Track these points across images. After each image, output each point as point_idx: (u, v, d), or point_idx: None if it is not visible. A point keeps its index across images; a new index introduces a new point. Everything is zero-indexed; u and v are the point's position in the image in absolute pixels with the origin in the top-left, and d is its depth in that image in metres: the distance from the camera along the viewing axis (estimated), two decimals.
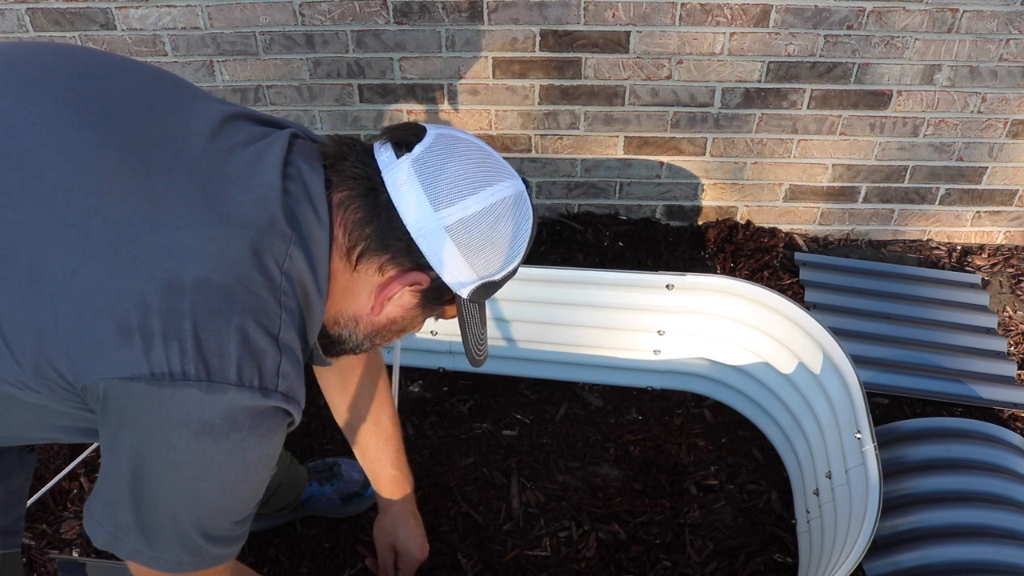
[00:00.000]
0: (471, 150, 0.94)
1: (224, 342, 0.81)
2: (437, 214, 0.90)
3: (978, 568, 1.57)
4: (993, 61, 2.25)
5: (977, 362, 2.15)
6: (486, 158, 0.94)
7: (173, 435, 0.81)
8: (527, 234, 0.96)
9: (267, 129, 0.96)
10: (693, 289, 1.90)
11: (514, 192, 0.94)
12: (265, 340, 0.84)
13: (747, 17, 2.19)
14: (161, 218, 0.82)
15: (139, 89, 0.93)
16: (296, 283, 0.88)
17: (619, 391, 2.10)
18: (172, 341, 0.79)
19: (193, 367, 0.79)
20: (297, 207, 0.88)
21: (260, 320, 0.84)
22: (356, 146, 0.94)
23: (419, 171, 0.90)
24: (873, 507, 1.41)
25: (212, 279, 0.81)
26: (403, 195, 0.90)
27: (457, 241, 0.91)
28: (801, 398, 1.83)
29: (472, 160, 0.93)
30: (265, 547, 1.74)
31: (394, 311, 0.98)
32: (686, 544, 1.75)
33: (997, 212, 2.57)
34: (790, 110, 2.36)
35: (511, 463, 1.92)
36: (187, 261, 0.81)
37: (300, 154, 0.92)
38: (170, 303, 0.79)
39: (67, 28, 2.25)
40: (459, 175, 0.91)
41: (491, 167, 0.94)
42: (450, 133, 0.95)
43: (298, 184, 0.89)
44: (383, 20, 2.23)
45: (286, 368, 0.86)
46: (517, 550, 1.74)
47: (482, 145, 0.96)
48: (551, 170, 2.53)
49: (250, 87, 2.36)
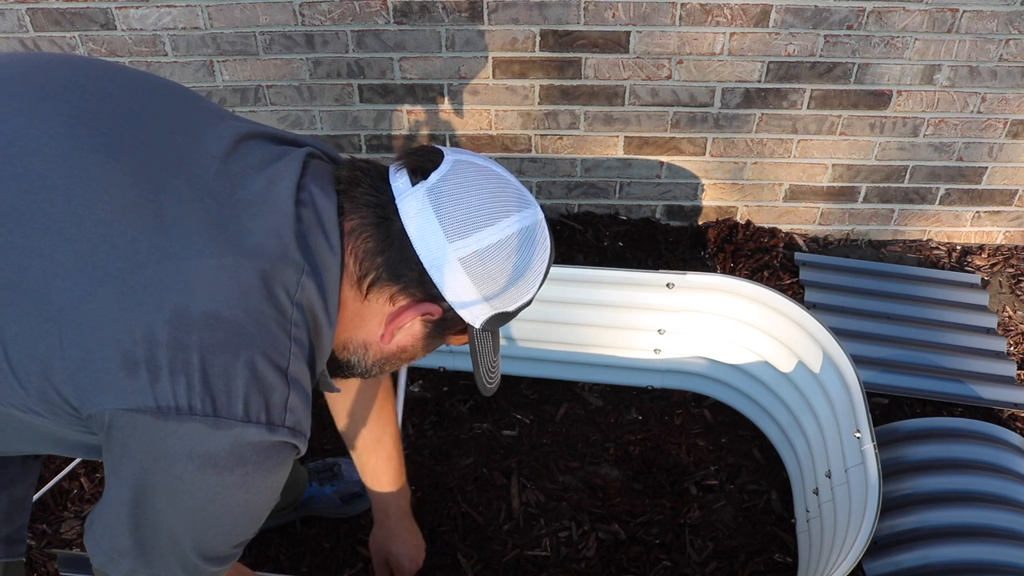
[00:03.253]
0: (488, 179, 0.92)
1: (231, 377, 0.80)
2: (451, 245, 0.88)
3: (978, 568, 1.57)
4: (993, 61, 2.25)
5: (977, 362, 2.15)
6: (503, 187, 0.92)
7: (177, 466, 0.81)
8: (543, 265, 0.95)
9: (283, 149, 0.94)
10: (693, 288, 1.90)
11: (531, 223, 0.92)
12: (273, 374, 0.83)
13: (747, 17, 2.19)
14: (171, 247, 0.81)
15: (152, 107, 0.91)
16: (307, 313, 0.87)
17: (619, 391, 2.10)
18: (179, 375, 0.78)
19: (199, 402, 0.78)
20: (309, 235, 0.87)
21: (269, 354, 0.82)
22: (371, 171, 0.93)
23: (434, 201, 0.88)
24: (873, 507, 1.41)
25: (221, 312, 0.80)
26: (416, 224, 0.88)
27: (470, 273, 0.89)
28: (801, 397, 1.83)
29: (489, 190, 0.91)
30: (265, 547, 1.74)
31: (404, 339, 0.96)
32: (686, 544, 1.75)
33: (997, 212, 2.57)
34: (790, 110, 2.37)
35: (511, 463, 1.92)
36: (196, 293, 0.80)
37: (314, 178, 0.90)
38: (177, 336, 0.78)
39: (67, 28, 2.25)
40: (474, 206, 0.89)
41: (508, 197, 0.91)
42: (468, 160, 0.93)
43: (310, 210, 0.88)
44: (383, 20, 2.23)
45: (294, 402, 0.85)
46: (517, 550, 1.74)
47: (500, 172, 0.94)
48: (551, 170, 2.53)
49: (250, 87, 2.36)
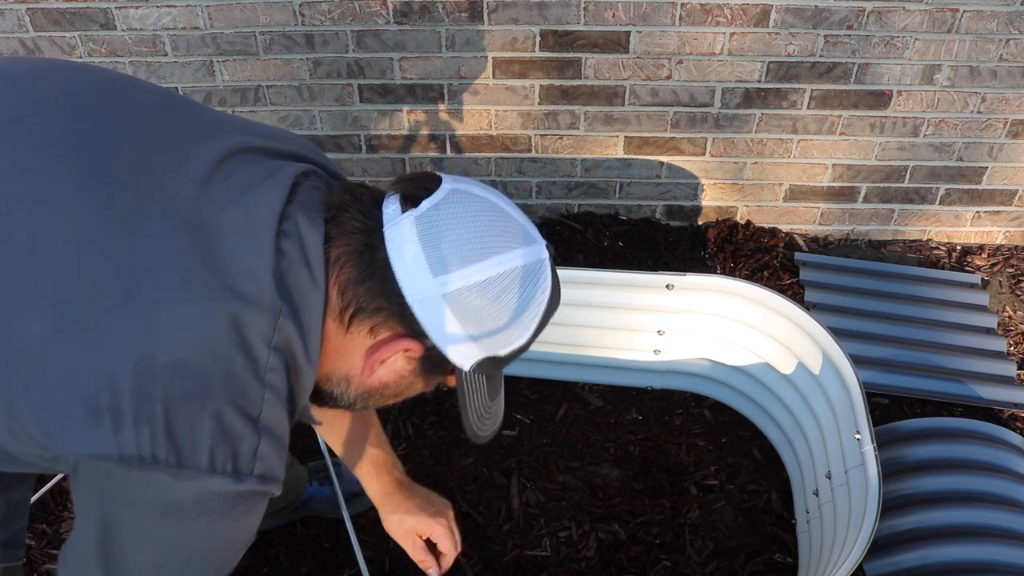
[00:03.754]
0: (484, 211, 0.86)
1: (196, 428, 0.77)
2: (435, 280, 0.83)
3: (978, 568, 1.57)
4: (993, 61, 2.25)
5: (977, 362, 2.15)
6: (500, 221, 0.86)
7: (141, 512, 0.79)
8: (541, 308, 0.88)
9: (272, 168, 0.89)
10: (693, 289, 1.90)
11: (529, 261, 0.86)
12: (242, 424, 0.79)
13: (747, 17, 2.19)
14: (138, 290, 0.77)
15: (136, 123, 0.87)
16: (286, 356, 0.83)
17: (619, 391, 2.10)
18: (143, 424, 0.75)
19: (163, 452, 0.76)
20: (290, 270, 0.82)
21: (238, 403, 0.79)
22: (362, 195, 0.88)
23: (421, 230, 0.83)
24: (873, 508, 1.41)
25: (187, 361, 0.77)
26: (402, 255, 0.83)
27: (456, 311, 0.84)
28: (801, 398, 1.83)
29: (483, 222, 0.85)
30: (265, 547, 1.74)
31: (386, 375, 0.91)
32: (686, 544, 1.75)
33: (997, 212, 2.57)
34: (790, 110, 2.37)
35: (511, 463, 1.92)
36: (161, 341, 0.76)
37: (301, 205, 0.85)
38: (141, 385, 0.76)
39: (67, 28, 2.25)
40: (464, 238, 0.83)
41: (504, 231, 0.85)
42: (465, 189, 0.87)
43: (294, 242, 0.83)
44: (383, 20, 2.23)
45: (265, 450, 0.82)
46: (517, 550, 1.75)
47: (501, 204, 0.88)
48: (551, 170, 2.53)
49: (250, 87, 2.36)
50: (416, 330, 0.85)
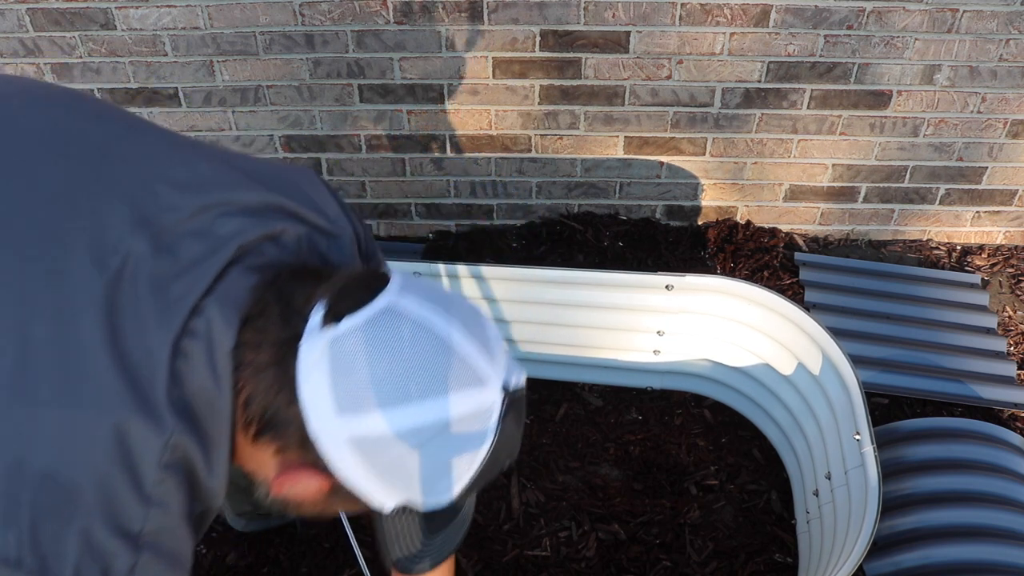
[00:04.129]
0: (416, 343, 0.72)
1: (61, 543, 0.71)
2: (339, 419, 0.71)
3: (978, 568, 1.57)
4: (993, 61, 2.25)
5: (977, 362, 2.15)
6: (433, 357, 0.72)
7: None
8: (472, 467, 0.75)
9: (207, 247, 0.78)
10: (692, 290, 1.90)
11: (464, 411, 0.72)
12: (116, 542, 0.73)
13: (747, 17, 2.19)
14: (24, 388, 0.71)
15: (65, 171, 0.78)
16: (182, 468, 0.75)
17: (619, 391, 2.10)
18: (11, 526, 0.70)
19: (29, 559, 0.71)
20: (192, 374, 0.74)
21: (112, 520, 0.72)
22: (292, 294, 0.76)
23: (333, 357, 0.71)
24: (873, 509, 1.41)
25: (59, 473, 0.71)
26: (309, 380, 0.72)
27: (363, 458, 0.73)
28: (801, 398, 1.83)
29: (409, 359, 0.71)
30: (265, 547, 1.74)
31: (300, 494, 0.80)
32: (686, 544, 1.75)
33: (997, 212, 2.57)
34: (790, 110, 2.37)
35: (512, 465, 1.92)
36: (36, 447, 0.70)
37: (220, 299, 0.75)
38: (11, 489, 0.70)
39: (67, 28, 2.25)
40: (379, 378, 0.71)
41: (437, 373, 0.72)
42: (403, 309, 0.73)
43: (201, 343, 0.74)
44: (383, 20, 2.23)
45: (146, 566, 0.75)
46: (517, 550, 1.75)
47: (444, 333, 0.73)
48: (551, 170, 2.53)
49: (250, 87, 2.36)
50: (320, 465, 0.75)
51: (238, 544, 1.74)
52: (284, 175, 0.91)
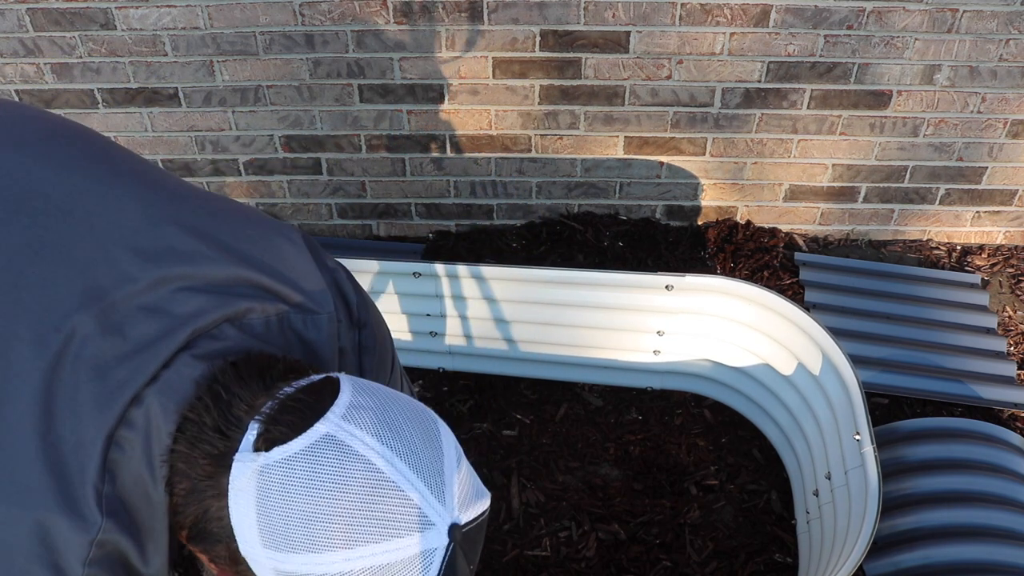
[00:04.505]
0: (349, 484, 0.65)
1: None
2: (265, 552, 0.66)
3: (978, 568, 1.57)
4: (993, 61, 2.25)
5: (977, 362, 2.15)
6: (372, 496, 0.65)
7: None
8: None
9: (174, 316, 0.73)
10: (692, 290, 1.90)
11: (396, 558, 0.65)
12: None
13: (747, 17, 2.19)
14: None
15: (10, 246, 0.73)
16: (113, 560, 0.71)
17: (619, 391, 2.10)
18: None
19: None
20: (126, 467, 0.70)
21: None
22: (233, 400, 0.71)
23: (260, 488, 0.65)
24: (872, 509, 1.41)
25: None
26: (238, 504, 0.67)
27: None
28: (801, 399, 1.83)
29: (338, 501, 0.64)
30: None
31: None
32: (686, 544, 1.75)
33: (997, 212, 2.57)
34: (790, 110, 2.36)
35: (511, 463, 1.92)
36: None
37: (162, 390, 0.71)
38: None
39: (67, 28, 2.25)
40: (305, 519, 0.64)
41: (372, 517, 0.64)
42: (346, 439, 0.66)
43: (138, 435, 0.70)
44: (383, 20, 2.23)
45: None
46: (517, 550, 1.75)
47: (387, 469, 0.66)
48: (551, 170, 2.53)
49: (250, 87, 2.36)
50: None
51: None
52: (265, 240, 0.84)
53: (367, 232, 2.69)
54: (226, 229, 0.82)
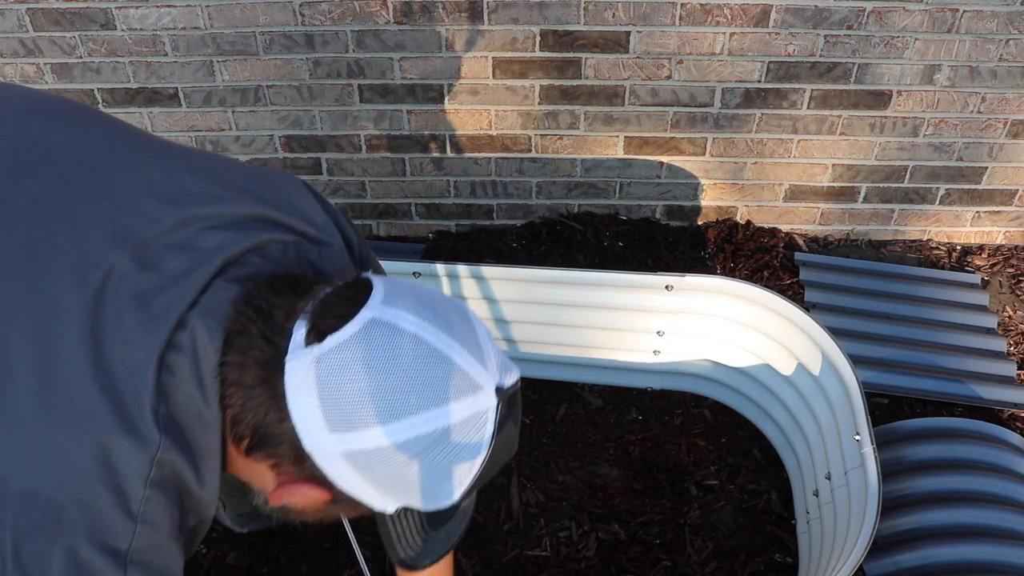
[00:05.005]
0: (402, 356, 0.70)
1: (46, 562, 0.70)
2: (332, 436, 0.70)
3: (978, 568, 1.57)
4: (993, 61, 2.25)
5: (977, 362, 2.15)
6: (423, 367, 0.71)
7: None
8: (470, 473, 0.75)
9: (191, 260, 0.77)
10: (692, 290, 1.90)
11: (458, 419, 0.71)
12: (103, 560, 0.71)
13: (747, 17, 2.19)
14: (5, 406, 0.70)
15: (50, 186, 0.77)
16: (171, 483, 0.74)
17: (619, 391, 2.10)
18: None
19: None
20: (178, 388, 0.73)
21: (98, 538, 0.71)
22: (273, 310, 0.75)
23: (320, 376, 0.70)
24: (872, 509, 1.41)
25: (40, 491, 0.70)
26: (298, 399, 0.71)
27: (360, 471, 0.72)
28: (800, 399, 1.83)
29: (398, 373, 0.70)
30: (265, 547, 1.74)
31: (299, 503, 0.80)
32: (686, 544, 1.75)
33: (997, 212, 2.57)
34: (790, 110, 2.36)
35: (511, 463, 1.92)
36: (16, 466, 0.70)
37: (204, 313, 0.74)
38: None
39: (67, 28, 2.25)
40: (369, 394, 0.69)
41: (427, 383, 0.70)
42: (388, 320, 0.72)
43: (187, 357, 0.73)
44: (383, 20, 2.23)
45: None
46: (517, 550, 1.75)
47: (432, 340, 0.72)
48: (551, 170, 2.53)
49: (250, 87, 2.36)
50: (318, 477, 0.74)
51: (238, 544, 1.74)
52: (271, 183, 0.89)
53: (367, 232, 2.69)
54: (236, 175, 0.87)
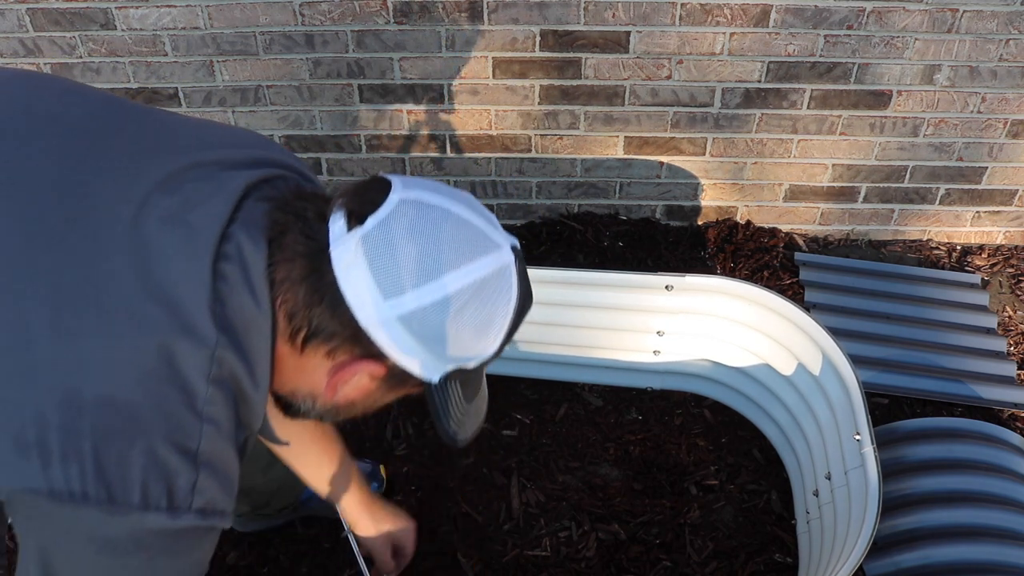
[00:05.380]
0: (436, 222, 0.80)
1: (126, 465, 0.74)
2: (387, 303, 0.78)
3: (978, 568, 1.57)
4: (993, 61, 2.25)
5: (977, 362, 2.15)
6: (455, 230, 0.81)
7: (77, 547, 0.77)
8: (508, 317, 0.84)
9: (221, 180, 0.84)
10: (692, 290, 1.90)
11: (489, 271, 0.81)
12: (177, 459, 0.76)
13: (747, 17, 2.19)
14: (66, 322, 0.74)
15: (65, 142, 0.83)
16: (229, 385, 0.80)
17: (619, 391, 2.10)
18: (71, 461, 0.73)
19: (93, 489, 0.73)
20: (232, 294, 0.78)
21: (172, 438, 0.76)
22: (306, 212, 0.83)
23: (368, 251, 0.78)
24: (873, 509, 1.41)
25: (115, 397, 0.74)
26: (349, 278, 0.78)
27: (414, 332, 0.80)
28: (800, 399, 1.83)
29: (435, 236, 0.79)
30: (265, 547, 1.74)
31: (351, 393, 0.88)
32: (686, 544, 1.75)
33: (997, 212, 2.57)
34: (790, 110, 2.36)
35: (511, 463, 1.92)
36: (89, 376, 0.74)
37: (244, 224, 0.81)
38: (69, 421, 0.73)
39: (67, 28, 2.25)
40: (416, 256, 0.78)
41: (460, 243, 0.80)
42: (415, 198, 0.81)
43: (235, 265, 0.79)
44: (383, 20, 2.23)
45: (205, 483, 0.79)
46: (517, 550, 1.75)
47: (456, 210, 0.82)
48: (551, 170, 2.53)
49: (250, 87, 2.36)
50: (374, 352, 0.81)
51: (238, 544, 1.74)
52: (251, 135, 0.97)
53: None
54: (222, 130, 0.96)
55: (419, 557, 1.72)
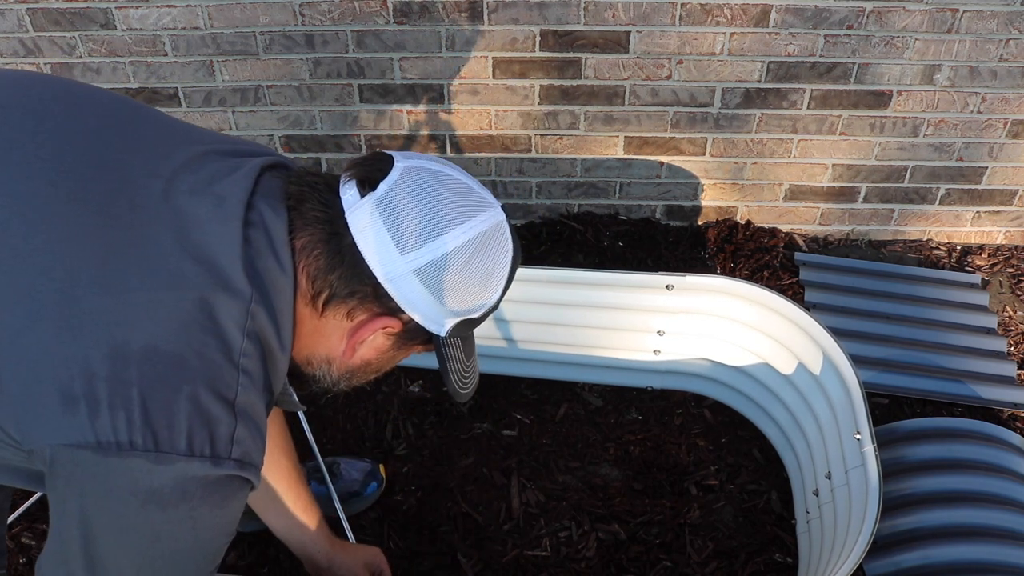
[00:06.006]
0: (440, 184, 0.90)
1: (173, 412, 0.78)
2: (404, 258, 0.87)
3: (978, 568, 1.57)
4: (993, 61, 2.25)
5: (977, 362, 2.15)
6: (456, 191, 0.90)
7: (120, 503, 0.79)
8: (505, 269, 0.93)
9: (236, 163, 0.91)
10: (693, 290, 1.90)
11: (489, 226, 0.90)
12: (219, 407, 0.81)
13: (747, 17, 2.19)
14: (110, 278, 0.79)
15: (96, 126, 0.89)
16: (260, 341, 0.85)
17: (619, 391, 2.10)
18: (118, 410, 0.76)
19: (140, 437, 0.76)
20: (258, 257, 0.85)
21: (214, 387, 0.80)
22: (319, 184, 0.91)
23: (383, 212, 0.86)
24: (873, 509, 1.41)
25: (160, 347, 0.78)
26: (367, 239, 0.87)
27: (428, 284, 0.88)
28: (801, 398, 1.83)
29: (440, 196, 0.89)
30: (265, 547, 1.74)
31: (368, 353, 0.96)
32: (686, 544, 1.75)
33: (997, 212, 2.57)
34: (790, 110, 2.37)
35: (511, 463, 1.92)
36: (134, 327, 0.78)
37: (263, 195, 0.89)
38: (116, 371, 0.76)
39: (67, 28, 2.25)
40: (426, 215, 0.87)
41: (462, 202, 0.90)
42: (419, 165, 0.91)
43: (260, 231, 0.86)
44: (383, 20, 2.23)
45: (242, 434, 0.83)
46: (517, 550, 1.75)
47: (455, 175, 0.92)
48: (551, 170, 2.53)
49: (250, 87, 2.36)
50: (392, 307, 0.90)
51: (238, 544, 1.74)
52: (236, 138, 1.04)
53: None
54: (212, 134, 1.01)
55: (419, 557, 1.72)
